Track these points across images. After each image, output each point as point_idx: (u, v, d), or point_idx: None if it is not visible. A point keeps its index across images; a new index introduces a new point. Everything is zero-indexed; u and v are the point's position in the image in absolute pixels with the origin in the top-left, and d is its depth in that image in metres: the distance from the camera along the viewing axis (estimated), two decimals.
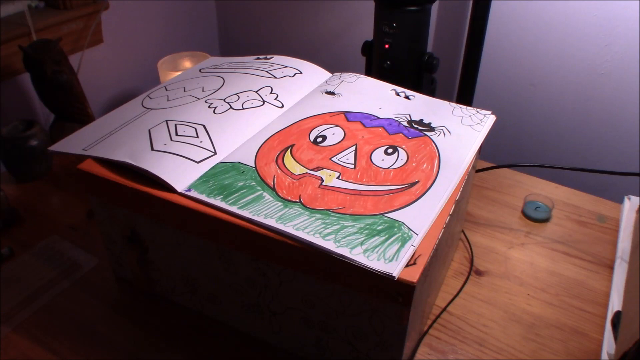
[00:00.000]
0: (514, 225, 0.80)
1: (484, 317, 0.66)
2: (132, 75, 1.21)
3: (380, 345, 0.52)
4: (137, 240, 0.63)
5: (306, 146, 0.59)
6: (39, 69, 0.87)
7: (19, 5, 0.95)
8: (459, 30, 1.06)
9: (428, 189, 0.53)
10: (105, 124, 0.63)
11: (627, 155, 0.99)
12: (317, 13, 1.23)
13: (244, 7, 1.33)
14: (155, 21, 1.22)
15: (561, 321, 0.65)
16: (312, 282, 0.51)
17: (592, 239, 0.78)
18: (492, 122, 0.65)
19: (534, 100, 1.05)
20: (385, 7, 0.88)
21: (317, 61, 0.78)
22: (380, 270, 0.44)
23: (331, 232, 0.48)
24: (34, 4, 1.00)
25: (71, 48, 1.01)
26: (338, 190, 0.53)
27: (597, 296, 0.69)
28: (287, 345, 0.60)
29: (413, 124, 0.64)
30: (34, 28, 0.93)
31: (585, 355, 0.61)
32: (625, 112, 0.96)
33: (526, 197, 0.83)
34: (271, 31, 1.33)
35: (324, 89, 0.71)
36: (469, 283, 0.70)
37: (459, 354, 0.61)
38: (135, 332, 0.64)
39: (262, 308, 0.58)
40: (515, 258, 0.74)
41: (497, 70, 1.06)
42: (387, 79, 0.74)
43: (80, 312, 0.66)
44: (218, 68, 0.77)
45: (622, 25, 0.90)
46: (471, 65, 1.00)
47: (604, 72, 0.95)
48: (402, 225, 0.49)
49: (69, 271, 0.72)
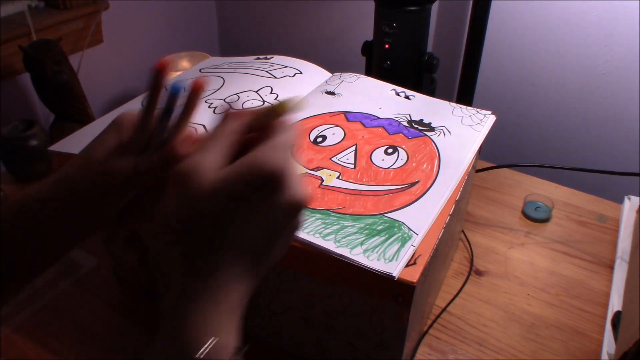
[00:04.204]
0: (514, 225, 0.80)
1: (484, 317, 0.66)
2: (132, 75, 1.21)
3: (380, 345, 0.52)
4: (137, 240, 0.63)
5: (306, 146, 0.59)
6: (39, 69, 0.87)
7: (19, 5, 0.95)
8: (459, 30, 1.06)
9: (428, 189, 0.53)
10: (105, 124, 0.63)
11: (627, 155, 0.99)
12: (317, 13, 1.23)
13: (244, 7, 1.33)
14: (155, 21, 1.22)
15: (561, 321, 0.65)
16: (312, 282, 0.51)
17: (592, 239, 0.78)
18: (492, 122, 0.65)
19: (534, 100, 1.05)
20: (385, 7, 0.88)
21: (317, 61, 0.78)
22: (380, 270, 0.44)
23: (331, 232, 0.48)
24: (34, 4, 1.00)
25: (71, 48, 1.01)
26: (338, 190, 0.53)
27: (597, 296, 0.69)
28: (287, 345, 0.60)
29: (413, 124, 0.64)
30: (34, 28, 0.93)
31: (585, 355, 0.61)
32: (625, 112, 0.96)
33: (526, 197, 0.83)
34: (271, 31, 1.33)
35: (324, 89, 0.71)
36: (469, 283, 0.70)
37: (459, 354, 0.61)
38: (135, 332, 0.64)
39: (262, 308, 0.58)
40: (515, 258, 0.74)
41: (497, 70, 1.06)
42: (387, 79, 0.74)
43: (80, 312, 0.66)
44: (218, 68, 0.77)
45: (622, 25, 0.90)
46: (471, 65, 1.00)
47: (604, 72, 0.95)
48: (402, 225, 0.49)
49: (69, 271, 0.72)
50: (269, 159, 0.29)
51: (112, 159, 0.37)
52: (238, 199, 0.29)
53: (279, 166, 0.29)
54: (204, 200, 0.28)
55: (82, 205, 0.38)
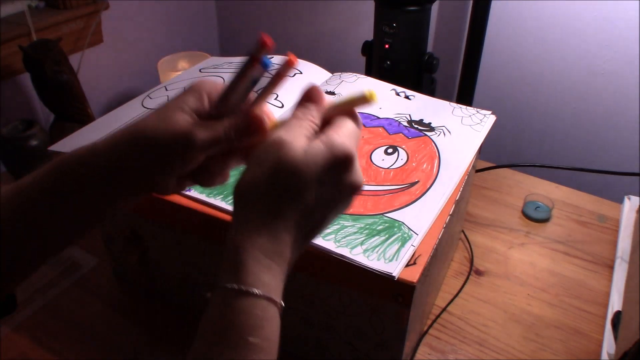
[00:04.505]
0: (514, 225, 0.80)
1: (484, 317, 0.66)
2: (132, 75, 1.21)
3: (380, 345, 0.52)
4: (137, 240, 0.63)
5: None
6: (39, 69, 0.87)
7: (19, 5, 0.95)
8: (459, 30, 1.06)
9: (428, 189, 0.53)
10: (105, 124, 0.63)
11: (627, 155, 0.99)
12: (317, 13, 1.23)
13: (244, 7, 1.33)
14: (155, 21, 1.22)
15: (561, 321, 0.65)
16: (312, 282, 0.51)
17: (592, 239, 0.78)
18: (492, 122, 0.65)
19: (534, 100, 1.05)
20: (385, 7, 0.88)
21: (317, 61, 0.78)
22: (380, 270, 0.44)
23: (331, 232, 0.48)
24: (34, 4, 1.00)
25: (71, 48, 1.01)
26: None
27: (597, 296, 0.69)
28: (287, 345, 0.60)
29: (413, 123, 0.64)
30: (34, 28, 0.93)
31: (585, 355, 0.61)
32: (625, 112, 0.96)
33: (526, 197, 0.83)
34: (271, 31, 1.33)
35: (324, 89, 0.71)
36: (469, 283, 0.70)
37: (459, 354, 0.61)
38: (135, 332, 0.64)
39: None
40: (516, 258, 0.74)
41: (497, 70, 1.06)
42: (387, 79, 0.74)
43: (80, 312, 0.66)
44: (218, 68, 0.77)
45: (622, 25, 0.90)
46: (471, 65, 1.00)
47: (604, 72, 0.95)
48: (402, 225, 0.49)
49: (69, 271, 0.72)
50: (344, 144, 0.34)
51: (194, 124, 0.39)
52: (317, 174, 0.34)
53: (351, 151, 0.34)
54: (291, 172, 0.33)
55: (144, 164, 0.39)
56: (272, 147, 0.34)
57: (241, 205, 0.35)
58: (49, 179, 0.39)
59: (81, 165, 0.39)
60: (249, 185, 0.34)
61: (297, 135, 0.35)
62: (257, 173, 0.34)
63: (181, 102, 0.40)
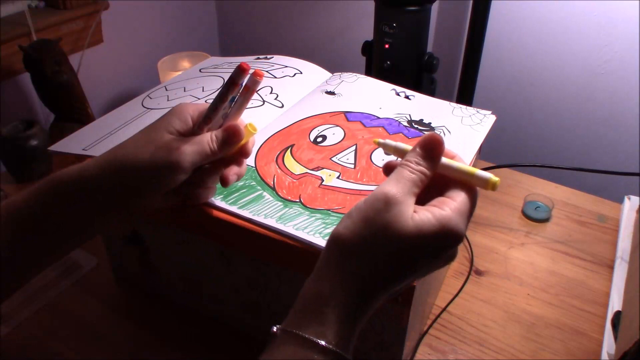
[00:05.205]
0: (514, 225, 0.80)
1: (484, 317, 0.66)
2: (132, 75, 1.21)
3: (380, 345, 0.52)
4: (137, 240, 0.63)
5: (306, 146, 0.59)
6: (39, 69, 0.87)
7: (19, 5, 0.95)
8: (459, 30, 1.06)
9: None
10: (105, 124, 0.63)
11: (627, 155, 0.99)
12: (317, 13, 1.23)
13: (244, 7, 1.33)
14: (155, 21, 1.22)
15: (561, 321, 0.65)
16: None
17: (592, 239, 0.78)
18: (492, 122, 0.65)
19: (534, 100, 1.05)
20: (385, 7, 0.88)
21: (317, 61, 0.78)
22: None
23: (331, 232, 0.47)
24: (34, 4, 1.00)
25: (71, 48, 1.01)
26: (338, 190, 0.53)
27: (597, 296, 0.69)
28: None
29: (413, 123, 0.64)
30: (34, 28, 0.93)
31: (585, 355, 0.61)
32: (625, 112, 0.96)
33: (526, 197, 0.83)
34: (271, 31, 1.33)
35: (324, 89, 0.71)
36: (469, 283, 0.70)
37: (459, 354, 0.61)
38: (135, 332, 0.64)
39: (262, 308, 0.58)
40: (515, 258, 0.74)
41: (497, 70, 1.06)
42: (387, 79, 0.74)
43: (80, 312, 0.66)
44: (218, 68, 0.77)
45: (622, 25, 0.90)
46: (471, 65, 1.00)
47: (604, 72, 0.95)
48: None
49: (69, 271, 0.72)
50: (458, 226, 0.34)
51: (180, 142, 0.42)
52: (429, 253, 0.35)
53: (463, 234, 0.35)
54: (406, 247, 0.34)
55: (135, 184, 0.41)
56: (380, 204, 0.34)
57: (342, 259, 0.35)
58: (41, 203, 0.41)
59: (74, 188, 0.41)
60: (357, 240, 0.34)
61: (407, 194, 0.35)
62: (364, 231, 0.34)
63: (166, 124, 0.43)
